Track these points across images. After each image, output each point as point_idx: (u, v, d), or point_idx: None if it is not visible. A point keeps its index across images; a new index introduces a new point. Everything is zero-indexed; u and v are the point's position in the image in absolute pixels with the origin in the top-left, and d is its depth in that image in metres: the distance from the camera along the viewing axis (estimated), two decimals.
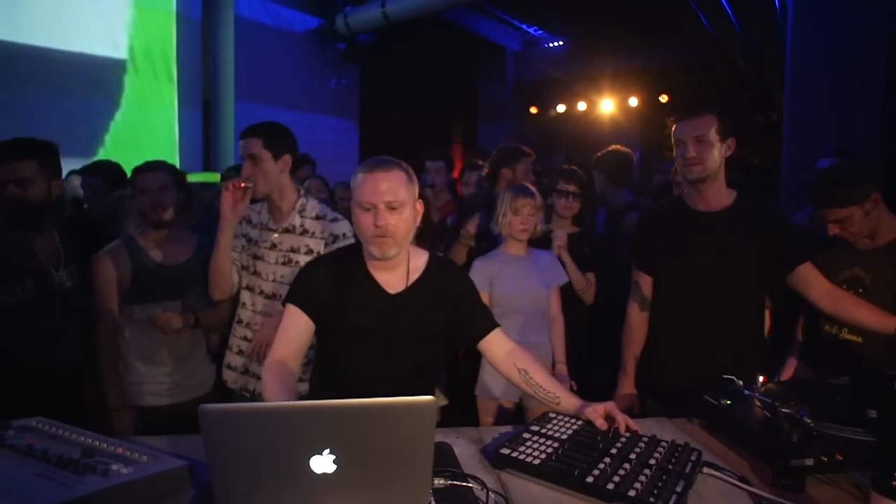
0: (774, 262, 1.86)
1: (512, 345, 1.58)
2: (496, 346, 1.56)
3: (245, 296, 2.10)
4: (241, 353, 2.09)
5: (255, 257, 2.05)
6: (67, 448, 1.12)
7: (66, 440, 1.18)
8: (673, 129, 1.92)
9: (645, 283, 2.03)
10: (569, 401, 1.48)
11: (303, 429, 0.88)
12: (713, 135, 1.83)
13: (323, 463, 0.88)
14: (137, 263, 2.11)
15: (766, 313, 2.17)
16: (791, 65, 3.98)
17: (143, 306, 2.09)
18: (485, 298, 2.29)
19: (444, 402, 2.52)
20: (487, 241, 2.63)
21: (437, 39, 8.91)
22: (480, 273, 2.32)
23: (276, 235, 2.02)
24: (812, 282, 1.82)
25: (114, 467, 1.05)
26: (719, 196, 1.91)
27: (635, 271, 2.06)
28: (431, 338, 1.58)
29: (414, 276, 1.55)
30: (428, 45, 9.03)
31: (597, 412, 1.39)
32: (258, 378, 2.03)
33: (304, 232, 2.03)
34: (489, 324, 1.58)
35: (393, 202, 1.41)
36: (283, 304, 1.54)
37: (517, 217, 2.32)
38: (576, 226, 2.71)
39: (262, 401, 1.50)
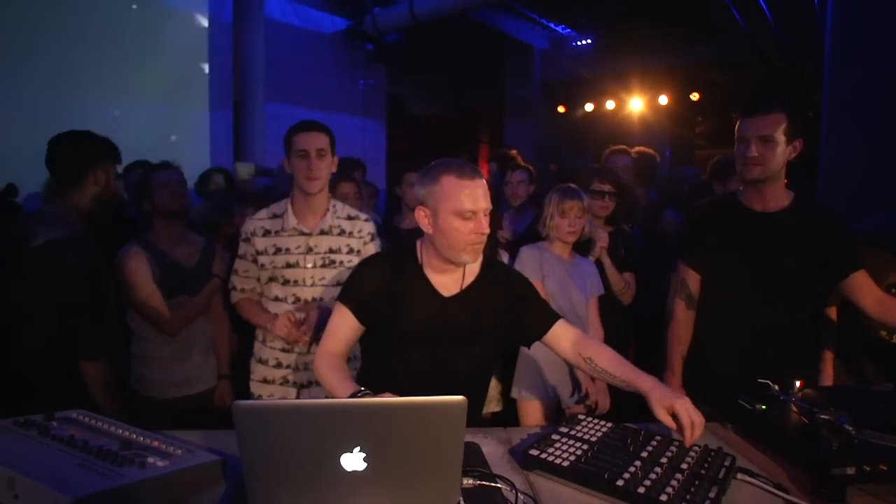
0: (828, 268, 1.81)
1: (577, 334, 1.54)
2: (561, 338, 1.53)
3: (276, 307, 2.04)
4: (279, 365, 2.05)
5: (288, 265, 2.01)
6: (106, 440, 1.16)
7: (104, 432, 1.21)
8: (737, 124, 1.84)
9: (692, 280, 1.98)
10: (638, 382, 1.37)
11: (334, 426, 0.89)
12: (780, 135, 1.75)
13: (353, 460, 0.89)
14: (159, 261, 2.22)
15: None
16: (830, 58, 3.85)
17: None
18: (538, 287, 2.28)
19: (497, 408, 2.50)
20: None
21: (464, 39, 8.90)
22: (532, 261, 2.30)
23: (312, 239, 2.02)
24: (864, 290, 1.77)
25: (150, 460, 1.08)
26: (777, 196, 1.85)
27: (682, 268, 2.00)
28: (484, 341, 1.58)
29: (469, 280, 1.55)
30: (455, 45, 9.03)
31: (663, 409, 1.29)
32: (301, 387, 2.05)
33: (342, 232, 2.05)
34: (552, 317, 1.55)
35: (488, 209, 1.44)
36: (337, 300, 1.55)
37: (564, 219, 2.28)
38: (609, 225, 2.66)
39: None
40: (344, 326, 1.52)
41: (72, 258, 1.76)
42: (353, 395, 1.30)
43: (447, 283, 1.53)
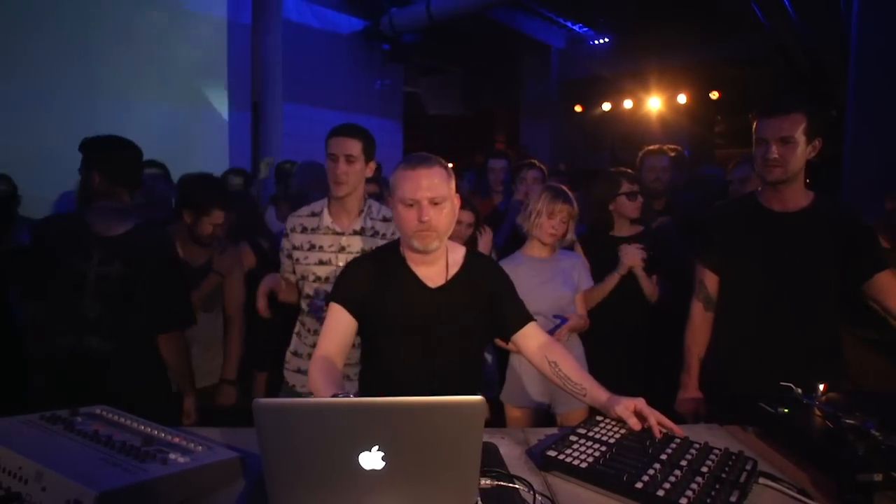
0: (851, 269, 1.77)
1: (546, 338, 1.59)
2: (530, 339, 1.58)
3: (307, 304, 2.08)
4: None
5: (321, 262, 2.05)
6: (129, 436, 1.18)
7: (127, 428, 1.23)
8: (754, 124, 1.81)
9: (711, 281, 1.96)
10: (595, 393, 1.45)
11: (353, 425, 0.89)
12: (800, 135, 1.73)
13: (372, 459, 0.90)
14: None
15: None
16: (855, 56, 3.77)
17: None
18: None
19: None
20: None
21: (480, 39, 8.90)
22: None
23: (344, 238, 2.05)
24: (890, 290, 1.73)
25: (171, 456, 1.10)
26: (797, 197, 1.82)
27: (701, 269, 1.99)
28: (473, 330, 1.60)
29: (453, 270, 1.57)
30: (471, 45, 9.03)
31: (627, 409, 1.36)
32: None
33: (375, 234, 2.07)
34: (525, 317, 1.60)
35: (435, 198, 1.44)
36: (326, 304, 1.58)
37: (550, 220, 2.24)
38: (637, 225, 2.62)
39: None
40: (337, 325, 1.53)
41: (164, 236, 2.04)
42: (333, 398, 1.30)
43: (431, 274, 1.55)
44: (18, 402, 1.90)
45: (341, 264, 2.02)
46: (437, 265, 1.56)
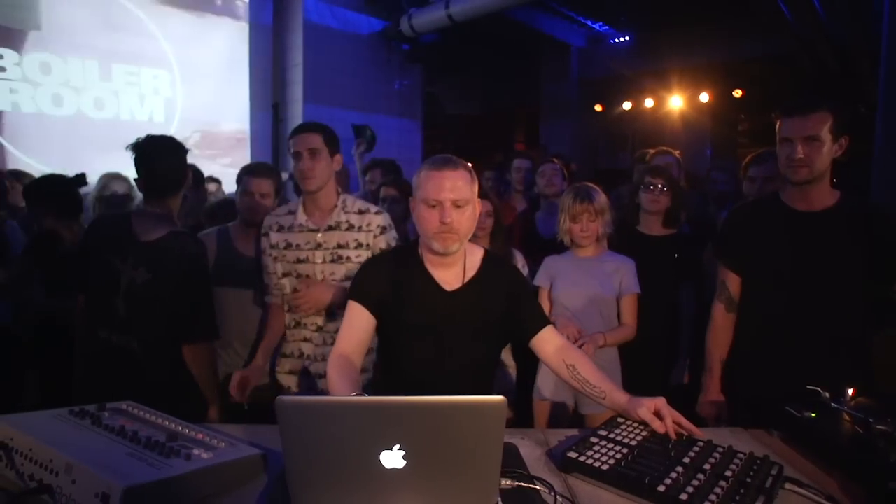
0: (881, 268, 1.73)
1: (562, 341, 1.58)
2: (547, 343, 1.57)
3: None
4: (301, 356, 2.10)
5: (299, 261, 2.05)
6: (154, 431, 1.20)
7: (152, 424, 1.25)
8: (778, 124, 1.78)
9: (733, 283, 1.93)
10: (615, 396, 1.44)
11: (375, 424, 0.89)
12: (825, 134, 1.69)
13: (393, 458, 0.90)
14: (222, 250, 2.36)
15: None
16: (886, 53, 3.68)
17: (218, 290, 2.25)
18: (542, 295, 2.30)
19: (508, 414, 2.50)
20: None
21: (500, 38, 8.88)
22: (546, 269, 2.33)
23: (319, 235, 2.05)
24: None
25: (195, 452, 1.11)
26: (822, 196, 1.78)
27: (723, 270, 1.96)
28: (488, 335, 1.60)
29: (470, 274, 1.58)
30: (491, 44, 9.01)
31: (649, 411, 1.34)
32: (319, 377, 2.08)
33: (351, 227, 2.07)
34: (542, 321, 1.59)
35: (458, 200, 1.44)
36: (348, 299, 1.58)
37: (575, 224, 2.25)
38: (667, 227, 2.53)
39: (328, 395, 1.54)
40: (356, 323, 1.54)
41: (194, 247, 1.99)
42: None
43: (448, 277, 1.55)
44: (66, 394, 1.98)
45: (318, 261, 2.04)
46: (455, 268, 1.56)
